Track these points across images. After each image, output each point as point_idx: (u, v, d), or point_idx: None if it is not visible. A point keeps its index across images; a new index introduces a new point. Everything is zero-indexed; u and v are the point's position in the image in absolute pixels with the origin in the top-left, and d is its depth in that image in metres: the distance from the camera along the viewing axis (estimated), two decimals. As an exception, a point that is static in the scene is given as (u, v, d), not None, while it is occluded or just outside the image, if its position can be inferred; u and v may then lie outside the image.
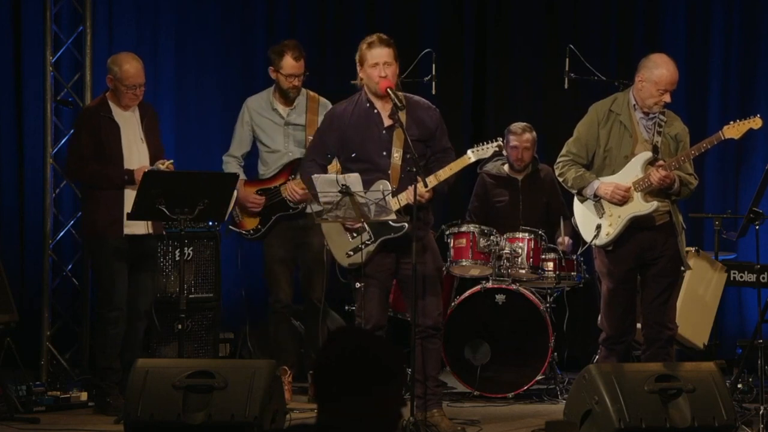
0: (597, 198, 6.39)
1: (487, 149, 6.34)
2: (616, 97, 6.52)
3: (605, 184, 6.35)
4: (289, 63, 7.38)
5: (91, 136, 6.98)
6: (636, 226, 6.35)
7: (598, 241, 6.42)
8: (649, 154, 6.32)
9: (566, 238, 7.90)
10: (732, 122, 6.32)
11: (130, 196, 6.79)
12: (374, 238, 6.33)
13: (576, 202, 6.56)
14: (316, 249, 7.38)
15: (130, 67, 6.95)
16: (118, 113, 7.02)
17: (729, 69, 9.27)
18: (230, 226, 7.58)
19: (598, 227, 6.40)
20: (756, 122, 6.21)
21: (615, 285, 6.42)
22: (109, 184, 6.94)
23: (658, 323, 6.40)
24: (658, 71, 6.30)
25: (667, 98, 6.31)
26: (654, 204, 6.30)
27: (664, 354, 6.38)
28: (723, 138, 6.27)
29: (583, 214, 6.50)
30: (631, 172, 6.34)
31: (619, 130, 6.38)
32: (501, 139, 6.50)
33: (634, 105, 6.40)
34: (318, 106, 7.44)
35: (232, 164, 7.51)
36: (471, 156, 6.33)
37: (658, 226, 6.37)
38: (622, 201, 6.31)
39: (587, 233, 6.47)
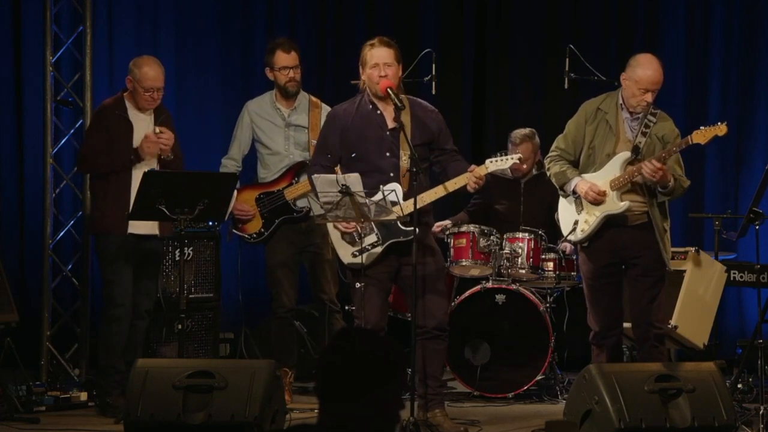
0: (576, 195, 6.44)
1: (506, 161, 6.38)
2: (608, 95, 6.55)
3: (583, 182, 6.40)
4: (281, 56, 7.41)
5: (105, 132, 6.99)
6: (612, 224, 6.38)
7: (573, 237, 6.53)
8: (627, 154, 6.34)
9: (567, 244, 7.89)
10: (702, 128, 6.30)
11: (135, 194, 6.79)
12: (382, 241, 6.34)
13: (561, 197, 6.63)
14: (323, 250, 7.37)
15: (149, 69, 6.95)
16: (133, 113, 7.02)
17: (729, 69, 9.28)
18: (233, 230, 7.57)
19: (576, 223, 6.46)
20: (721, 129, 6.21)
21: (593, 281, 6.48)
22: (117, 164, 6.92)
23: (645, 323, 6.42)
24: (640, 70, 6.34)
25: (648, 98, 6.33)
26: (626, 204, 6.33)
27: (656, 353, 6.39)
28: (691, 143, 6.25)
29: (564, 210, 6.59)
30: (610, 171, 6.37)
31: (604, 128, 6.42)
32: (517, 149, 6.52)
33: (621, 104, 6.43)
34: (320, 110, 7.43)
35: (230, 168, 7.50)
36: (489, 166, 6.35)
37: (636, 225, 6.38)
38: (595, 201, 6.35)
39: (566, 228, 6.57)
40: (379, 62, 6.34)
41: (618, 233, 6.39)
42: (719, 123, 6.24)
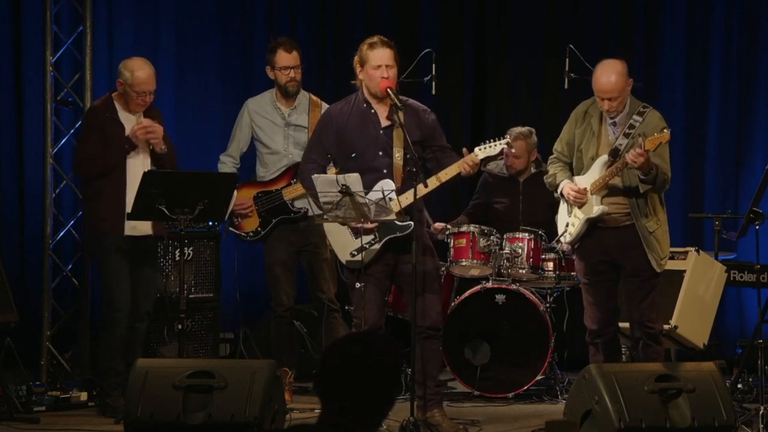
0: (563, 197, 6.47)
1: (495, 147, 6.37)
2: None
3: (568, 184, 6.40)
4: (282, 56, 7.39)
5: (98, 134, 6.97)
6: (597, 225, 6.38)
7: (563, 239, 6.57)
8: (605, 157, 6.32)
9: (564, 245, 7.90)
10: (655, 134, 6.22)
11: (132, 195, 6.77)
12: (379, 238, 6.34)
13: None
14: (320, 249, 7.37)
15: (141, 73, 6.92)
16: (123, 115, 7.00)
17: (729, 69, 9.28)
18: (230, 228, 7.57)
19: (567, 225, 6.48)
20: (664, 136, 6.15)
21: (586, 279, 6.50)
22: (113, 161, 6.90)
23: (637, 323, 6.43)
24: (593, 78, 6.33)
25: (605, 105, 6.28)
26: (600, 209, 6.32)
27: (651, 352, 6.39)
28: (644, 148, 6.15)
29: (561, 212, 6.62)
30: (592, 175, 6.37)
31: (589, 131, 6.41)
32: (508, 136, 6.52)
33: None
34: (320, 110, 7.42)
35: (227, 165, 7.50)
36: (478, 153, 6.35)
37: (621, 227, 6.36)
38: (576, 201, 6.36)
39: (560, 230, 6.61)
40: (382, 63, 6.34)
41: (604, 234, 6.40)
42: (665, 130, 6.20)
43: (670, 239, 6.54)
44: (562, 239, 6.60)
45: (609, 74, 6.26)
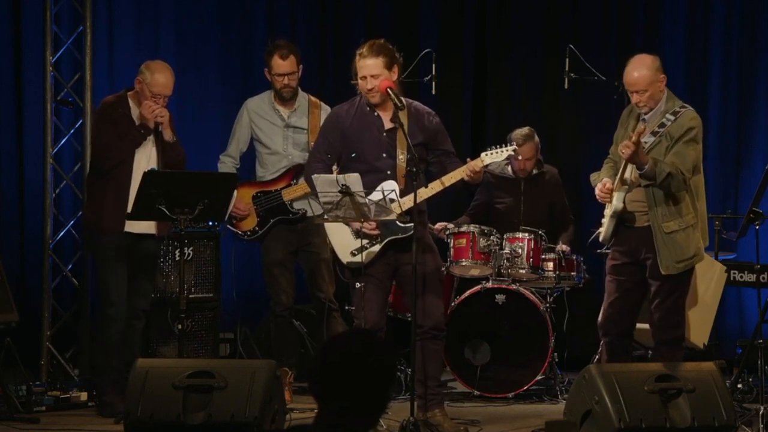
0: None
1: (501, 153, 6.38)
2: None
3: (600, 182, 6.40)
4: (277, 63, 7.39)
5: (112, 126, 6.96)
6: (625, 224, 6.37)
7: (599, 237, 6.55)
8: None
9: (563, 246, 7.91)
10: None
11: (134, 192, 6.76)
12: (381, 238, 6.34)
13: None
14: (320, 249, 7.38)
15: (161, 76, 6.91)
16: (136, 113, 7.00)
17: (729, 69, 9.28)
18: (228, 226, 7.58)
19: (602, 224, 6.48)
20: (639, 129, 6.15)
21: (607, 276, 6.48)
22: (131, 145, 6.91)
23: (652, 326, 6.41)
24: (625, 71, 6.34)
25: (634, 98, 6.30)
26: (614, 205, 6.31)
27: (658, 357, 6.37)
28: (633, 139, 6.14)
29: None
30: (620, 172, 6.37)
31: (627, 130, 6.41)
32: (514, 143, 6.53)
33: None
34: (320, 111, 7.43)
35: (227, 164, 7.51)
36: (485, 159, 6.36)
37: (644, 226, 6.33)
38: (600, 198, 6.37)
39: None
40: (366, 74, 6.33)
41: (627, 233, 6.37)
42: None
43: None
44: (600, 237, 6.56)
45: (639, 68, 6.30)
